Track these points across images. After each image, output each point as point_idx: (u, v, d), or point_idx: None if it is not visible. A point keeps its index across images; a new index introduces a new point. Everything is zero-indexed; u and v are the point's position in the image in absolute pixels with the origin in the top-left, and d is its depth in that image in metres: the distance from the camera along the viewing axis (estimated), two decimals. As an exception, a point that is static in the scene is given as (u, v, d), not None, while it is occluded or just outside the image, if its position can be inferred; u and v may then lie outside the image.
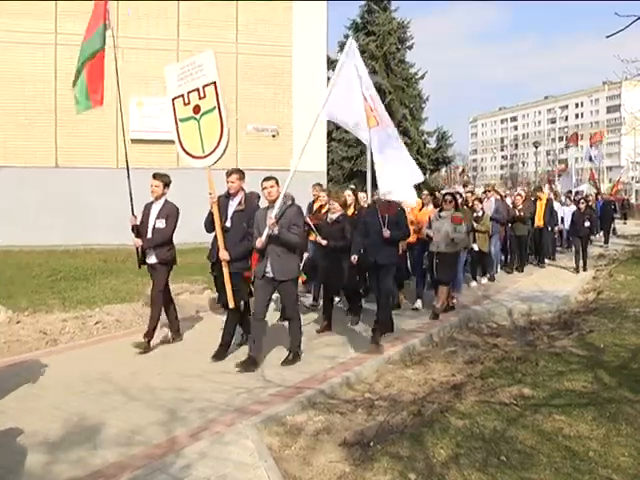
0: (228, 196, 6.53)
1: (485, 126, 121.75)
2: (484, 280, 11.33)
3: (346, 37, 30.86)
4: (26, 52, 17.63)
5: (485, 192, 13.30)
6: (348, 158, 28.48)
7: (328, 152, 22.79)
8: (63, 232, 16.50)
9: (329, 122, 23.25)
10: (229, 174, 6.55)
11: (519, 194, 13.77)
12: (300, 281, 7.61)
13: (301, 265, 7.50)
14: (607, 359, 6.26)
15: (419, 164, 29.00)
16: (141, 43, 18.31)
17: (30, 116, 17.63)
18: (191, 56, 6.47)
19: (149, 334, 6.66)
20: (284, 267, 5.96)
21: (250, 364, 5.93)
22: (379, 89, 26.53)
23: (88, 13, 6.95)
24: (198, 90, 6.36)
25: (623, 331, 7.41)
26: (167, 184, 6.78)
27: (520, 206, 12.79)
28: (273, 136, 19.94)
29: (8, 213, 16.66)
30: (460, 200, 9.93)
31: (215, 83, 6.27)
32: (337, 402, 5.20)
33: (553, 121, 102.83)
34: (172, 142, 6.70)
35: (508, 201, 13.59)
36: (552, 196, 15.98)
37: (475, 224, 10.59)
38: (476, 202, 11.16)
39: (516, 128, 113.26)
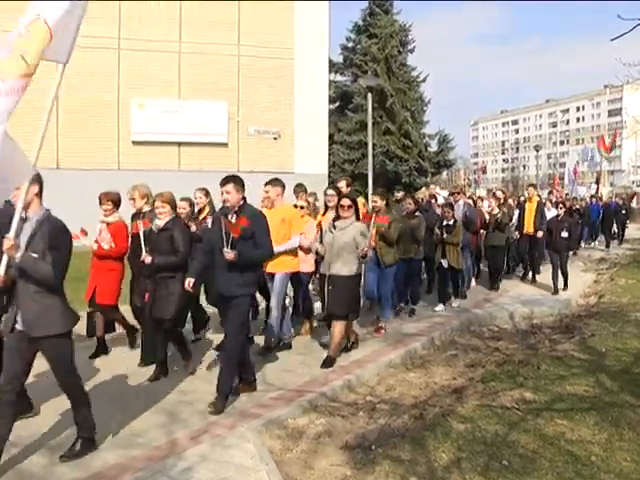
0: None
1: (486, 129, 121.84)
2: (455, 303, 9.32)
3: (348, 40, 31.00)
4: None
5: (452, 194, 10.92)
6: (350, 161, 28.52)
7: (329, 154, 22.82)
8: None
9: (330, 124, 23.39)
10: None
11: (494, 195, 11.71)
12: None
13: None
14: (609, 363, 6.25)
15: (420, 167, 29.30)
16: (143, 45, 18.35)
17: (31, 117, 17.65)
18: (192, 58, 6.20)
19: None
20: (41, 316, 3.84)
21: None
22: (381, 92, 26.60)
23: (90, 16, 6.94)
24: None
25: (625, 335, 7.41)
26: None
27: (497, 211, 10.75)
28: (275, 138, 19.98)
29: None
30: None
31: None
32: (338, 405, 5.19)
33: (554, 125, 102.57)
34: (174, 144, 6.63)
35: (485, 205, 11.81)
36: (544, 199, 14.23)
37: (445, 235, 8.97)
38: (446, 209, 9.30)
39: (517, 131, 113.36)
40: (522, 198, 14.69)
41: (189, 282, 5.25)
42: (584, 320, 8.42)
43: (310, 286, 7.89)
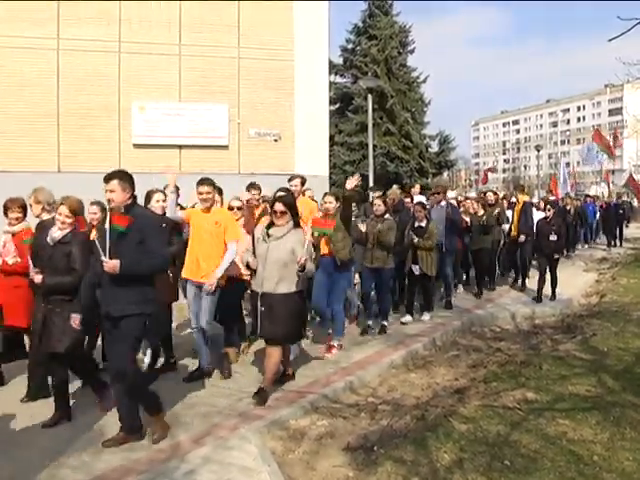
0: None
1: (487, 130, 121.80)
2: (426, 316, 8.40)
3: (348, 41, 31.02)
4: (28, 57, 17.69)
5: (434, 194, 9.86)
6: (350, 162, 28.53)
7: (330, 156, 22.80)
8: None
9: (331, 125, 23.41)
10: None
11: (485, 195, 11.04)
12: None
13: None
14: (611, 363, 6.25)
15: (421, 168, 29.29)
16: (143, 48, 18.37)
17: (32, 121, 17.68)
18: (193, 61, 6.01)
19: None
20: None
21: None
22: (381, 93, 26.62)
23: (90, 18, 6.94)
24: None
25: (626, 335, 7.40)
26: None
27: (482, 212, 10.16)
28: (275, 140, 19.98)
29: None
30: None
31: None
32: (340, 406, 5.20)
33: (555, 124, 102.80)
34: (175, 147, 6.54)
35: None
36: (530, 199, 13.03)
37: (416, 238, 8.01)
38: (417, 208, 8.29)
39: (518, 132, 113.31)
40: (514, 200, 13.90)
41: (74, 319, 4.50)
42: (586, 320, 8.41)
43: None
